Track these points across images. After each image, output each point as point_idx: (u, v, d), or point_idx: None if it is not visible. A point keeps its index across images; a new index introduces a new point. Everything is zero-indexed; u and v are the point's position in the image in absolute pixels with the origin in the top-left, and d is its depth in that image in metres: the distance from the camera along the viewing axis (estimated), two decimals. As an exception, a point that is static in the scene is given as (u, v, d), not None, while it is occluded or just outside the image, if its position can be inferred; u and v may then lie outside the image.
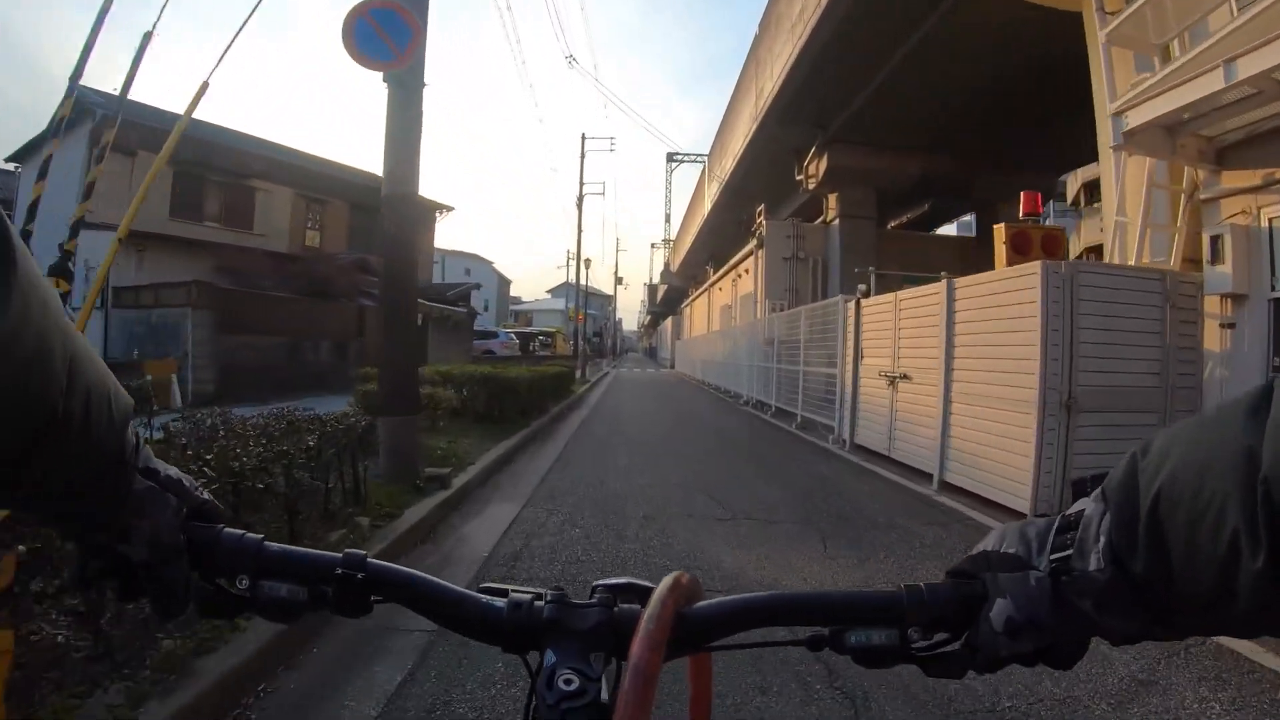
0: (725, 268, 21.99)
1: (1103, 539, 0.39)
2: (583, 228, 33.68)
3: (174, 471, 0.53)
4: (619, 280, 69.53)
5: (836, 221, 16.17)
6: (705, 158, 43.45)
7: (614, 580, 0.52)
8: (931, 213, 20.20)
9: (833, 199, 16.22)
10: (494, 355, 26.02)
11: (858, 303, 8.80)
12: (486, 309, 59.61)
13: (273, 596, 0.51)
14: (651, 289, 77.56)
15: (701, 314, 31.47)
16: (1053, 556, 0.42)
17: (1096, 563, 0.39)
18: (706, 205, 26.70)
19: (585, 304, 50.59)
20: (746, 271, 20.47)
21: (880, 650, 0.48)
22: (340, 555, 0.52)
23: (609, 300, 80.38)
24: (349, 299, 16.90)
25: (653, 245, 79.58)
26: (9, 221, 0.36)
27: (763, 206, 17.68)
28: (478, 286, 30.53)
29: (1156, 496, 0.36)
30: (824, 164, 15.14)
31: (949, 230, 23.53)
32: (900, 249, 16.24)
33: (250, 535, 0.53)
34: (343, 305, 16.89)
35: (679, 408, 15.55)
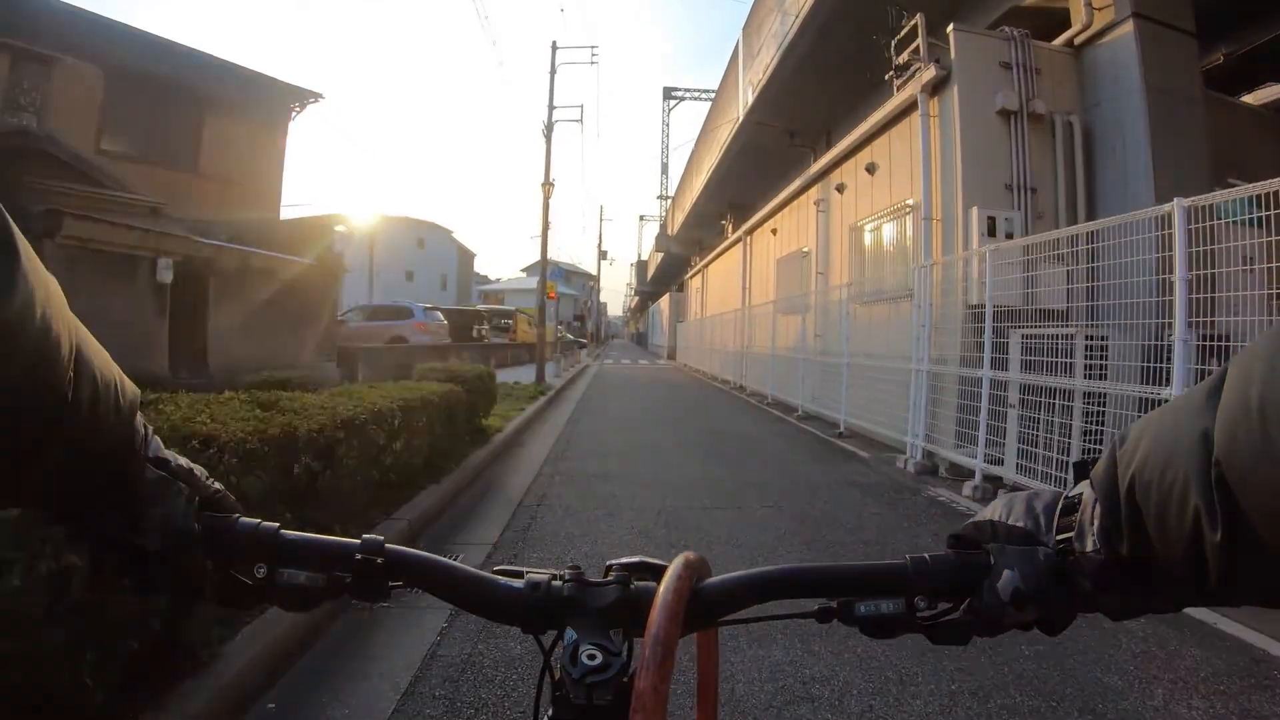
0: (801, 184, 12.75)
1: (1096, 523, 0.42)
2: (551, 161, 24.02)
3: (185, 461, 0.52)
4: (603, 255, 59.91)
5: (1126, 28, 6.80)
6: (711, 94, 34.21)
7: (628, 560, 0.53)
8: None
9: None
10: (405, 343, 16.54)
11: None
12: (445, 287, 49.80)
13: (291, 584, 0.50)
14: (641, 265, 67.98)
15: (725, 282, 21.91)
16: (1059, 537, 0.44)
17: (1093, 545, 0.41)
18: (739, 110, 17.10)
19: (555, 277, 40.92)
20: (867, 169, 10.98)
21: (888, 620, 0.49)
22: (359, 541, 0.52)
23: (592, 280, 70.68)
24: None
25: (641, 218, 69.97)
26: (7, 215, 0.35)
27: (918, 19, 8.08)
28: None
29: (1132, 482, 0.38)
30: None
31: None
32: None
33: (266, 524, 0.52)
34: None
35: (748, 467, 6.03)
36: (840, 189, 10.54)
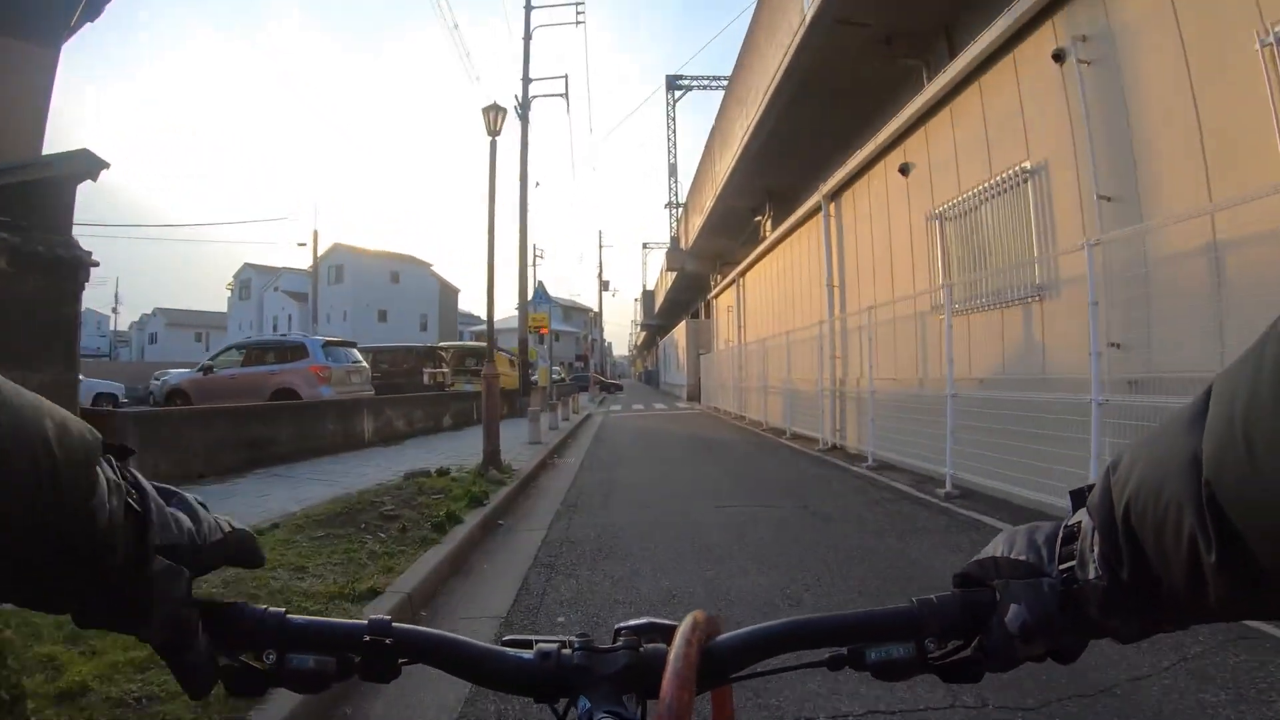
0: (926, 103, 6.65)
1: (1096, 550, 0.41)
2: (529, 149, 18.08)
3: (183, 519, 0.47)
4: (605, 285, 53.76)
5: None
6: (722, 81, 28.35)
7: (636, 622, 0.53)
8: None
9: None
10: (295, 398, 10.26)
11: None
12: (426, 328, 43.64)
13: (301, 669, 0.50)
14: (647, 297, 61.81)
15: (780, 291, 15.54)
16: (1061, 566, 0.44)
17: (1095, 572, 0.41)
18: (804, 6, 10.88)
19: (552, 313, 34.74)
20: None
21: (899, 664, 0.49)
22: (365, 622, 0.52)
23: (590, 316, 64.51)
24: None
25: (645, 246, 64.03)
26: None
27: None
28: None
29: (1127, 508, 0.38)
30: None
31: None
32: None
33: (272, 610, 0.51)
34: None
35: None
36: None
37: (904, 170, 8.63)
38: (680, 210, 31.04)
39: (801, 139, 14.85)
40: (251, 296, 46.65)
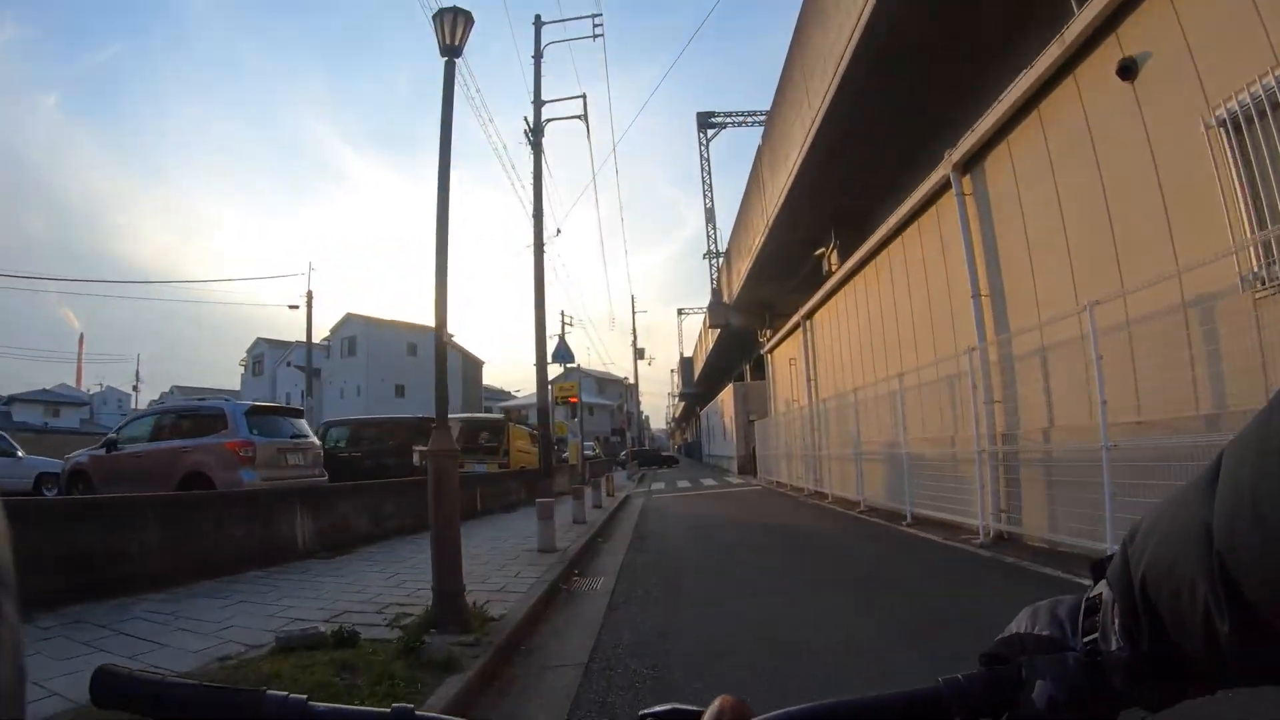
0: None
1: (1117, 621, 0.41)
2: (544, 172, 15.15)
3: None
4: (640, 353, 50.54)
5: None
6: (760, 115, 25.72)
7: (660, 708, 0.51)
8: None
9: None
10: (209, 487, 6.91)
11: None
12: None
13: None
14: (685, 364, 58.54)
15: (867, 329, 12.05)
16: (1085, 639, 0.44)
17: (1117, 643, 0.41)
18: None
19: (585, 385, 31.72)
20: None
21: None
22: (389, 710, 0.50)
23: (624, 387, 61.13)
24: None
25: (680, 312, 61.21)
26: None
27: None
28: None
29: (1144, 579, 0.38)
30: None
31: None
32: None
33: (294, 696, 0.50)
34: None
35: None
36: None
37: (1127, 69, 5.22)
38: (720, 260, 27.98)
39: (879, 134, 11.64)
40: (265, 372, 44.66)
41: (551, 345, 18.43)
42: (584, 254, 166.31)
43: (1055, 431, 5.93)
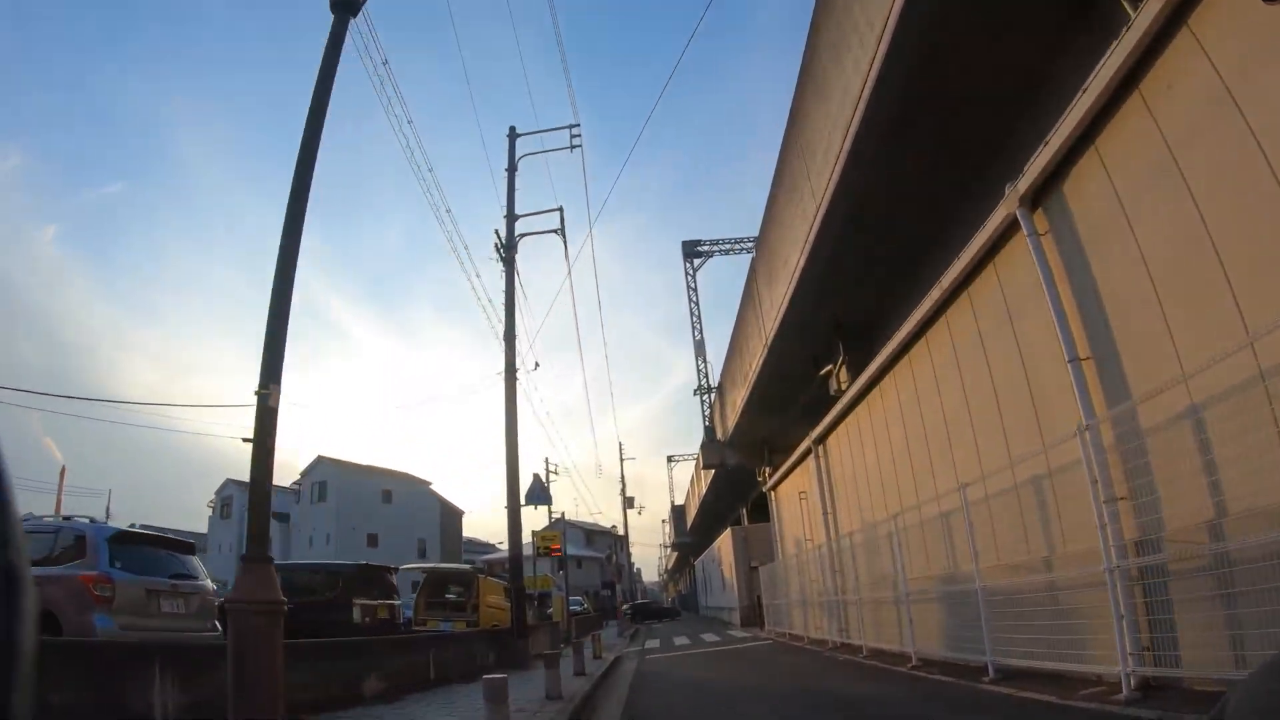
0: None
1: None
2: (516, 292, 14.33)
3: None
4: (629, 502, 47.77)
5: None
6: (748, 243, 25.74)
7: None
8: None
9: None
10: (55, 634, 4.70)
11: None
12: (424, 554, 37.41)
13: None
14: (677, 512, 55.50)
15: (900, 444, 10.36)
16: None
17: None
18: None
19: (573, 538, 29.33)
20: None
21: None
22: None
23: (614, 538, 57.49)
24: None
25: (670, 459, 59.19)
26: None
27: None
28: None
29: None
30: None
31: None
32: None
33: None
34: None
35: None
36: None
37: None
38: (713, 395, 26.74)
39: (889, 220, 10.75)
40: (233, 514, 41.55)
41: (525, 486, 16.52)
42: (567, 397, 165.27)
43: (1230, 522, 4.18)
